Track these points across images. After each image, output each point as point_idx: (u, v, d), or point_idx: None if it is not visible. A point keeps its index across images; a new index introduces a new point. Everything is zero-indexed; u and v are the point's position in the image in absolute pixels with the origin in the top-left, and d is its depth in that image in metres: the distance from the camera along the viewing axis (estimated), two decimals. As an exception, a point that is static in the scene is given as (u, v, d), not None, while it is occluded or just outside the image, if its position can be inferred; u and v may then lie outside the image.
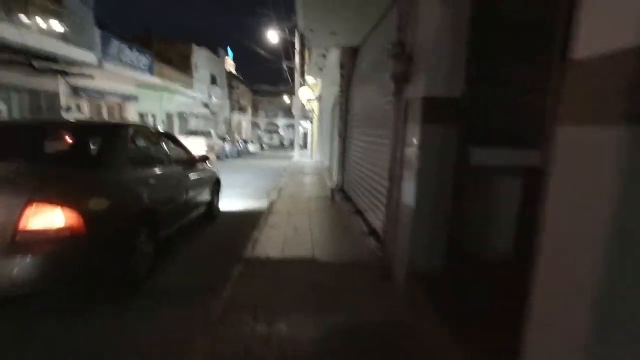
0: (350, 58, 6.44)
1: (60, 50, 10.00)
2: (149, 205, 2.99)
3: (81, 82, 11.81)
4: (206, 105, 26.09)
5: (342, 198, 6.13)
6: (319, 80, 18.11)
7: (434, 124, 2.35)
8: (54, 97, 11.09)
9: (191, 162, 4.32)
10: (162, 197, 3.33)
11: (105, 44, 12.28)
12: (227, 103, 32.46)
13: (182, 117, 21.90)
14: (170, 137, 4.27)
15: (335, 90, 11.14)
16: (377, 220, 4.03)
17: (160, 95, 18.48)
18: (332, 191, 6.89)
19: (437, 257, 2.56)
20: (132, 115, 15.49)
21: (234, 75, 35.36)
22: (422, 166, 2.40)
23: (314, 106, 19.66)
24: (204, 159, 4.62)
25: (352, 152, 6.04)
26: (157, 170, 3.43)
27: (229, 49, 34.08)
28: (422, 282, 2.51)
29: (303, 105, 20.37)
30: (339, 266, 3.33)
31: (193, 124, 23.07)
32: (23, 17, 9.07)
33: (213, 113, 27.59)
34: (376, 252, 3.47)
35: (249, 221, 5.04)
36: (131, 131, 3.23)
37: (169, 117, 20.24)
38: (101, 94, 12.86)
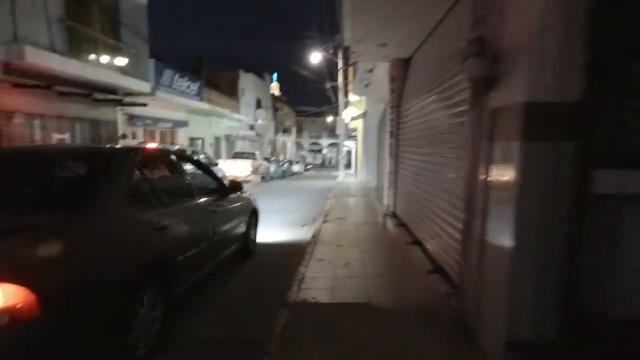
0: (401, 70, 5.91)
1: (118, 81, 10.62)
2: (158, 257, 2.31)
3: (136, 110, 12.45)
4: (252, 128, 26.81)
5: (395, 224, 5.48)
6: (364, 98, 17.71)
7: (539, 138, 1.73)
8: (112, 125, 11.76)
9: (221, 191, 3.73)
10: (180, 243, 2.62)
11: (159, 73, 12.94)
12: (272, 124, 33.21)
13: (229, 139, 22.56)
14: (194, 162, 3.71)
15: (380, 107, 10.63)
16: (443, 254, 3.36)
17: (208, 120, 19.18)
18: (384, 216, 6.26)
19: (546, 318, 1.87)
20: (182, 139, 16.11)
21: (278, 97, 36.29)
22: (524, 196, 1.77)
23: (358, 124, 19.25)
24: (237, 187, 3.98)
25: (405, 172, 5.42)
26: (174, 208, 2.73)
27: (274, 75, 35.11)
28: (527, 354, 1.83)
29: (346, 124, 20.03)
30: (402, 316, 2.70)
31: (239, 146, 23.66)
32: (87, 54, 9.75)
33: (258, 135, 28.26)
34: (447, 299, 2.80)
35: (292, 254, 4.55)
36: (135, 158, 2.46)
37: (217, 140, 20.90)
38: (154, 121, 13.48)
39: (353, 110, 19.14)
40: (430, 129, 4.05)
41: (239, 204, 4.08)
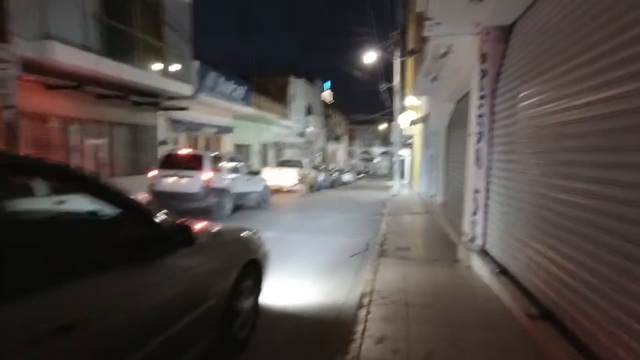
0: (498, 44, 4.09)
1: (158, 83, 9.95)
2: None
3: (178, 115, 11.81)
4: (301, 135, 25.82)
5: (490, 269, 3.64)
6: (424, 100, 15.69)
7: None
8: (152, 130, 11.19)
9: (147, 247, 1.69)
10: None
11: (202, 75, 12.23)
12: (323, 132, 32.07)
13: (277, 146, 21.69)
14: (68, 178, 1.62)
15: (450, 107, 8.70)
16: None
17: (256, 126, 18.42)
18: (467, 251, 4.42)
19: None
20: (228, 146, 15.38)
21: (329, 104, 35.15)
22: None
23: (415, 130, 17.19)
24: (183, 234, 1.86)
25: (508, 192, 3.58)
26: None
27: (328, 83, 33.96)
28: None
29: (402, 130, 18.08)
30: None
31: (288, 154, 22.72)
32: (125, 54, 9.18)
33: (308, 142, 27.22)
34: None
35: (333, 323, 2.93)
36: None
37: (264, 147, 20.10)
38: (197, 126, 12.80)
39: (410, 115, 17.19)
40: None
41: (204, 263, 2.09)
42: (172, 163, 8.49)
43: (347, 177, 25.78)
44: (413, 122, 13.88)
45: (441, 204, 9.12)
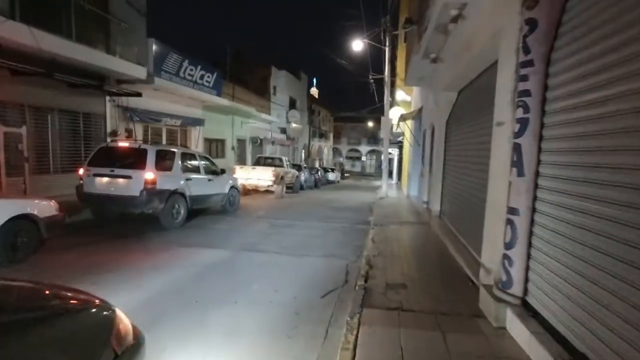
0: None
1: (100, 61, 8.10)
2: None
3: (133, 103, 10.00)
4: (283, 131, 24.13)
5: (545, 348, 2.15)
6: (415, 94, 14.27)
7: None
8: (98, 118, 9.34)
9: None
10: None
11: (161, 57, 10.43)
12: (307, 128, 30.41)
13: (256, 142, 19.91)
14: None
15: (451, 97, 7.24)
16: None
17: (230, 119, 16.64)
18: (493, 297, 2.90)
19: None
20: (196, 140, 13.58)
21: (315, 99, 33.47)
22: None
23: (406, 128, 15.78)
24: None
25: (586, 220, 2.08)
26: None
27: (314, 80, 32.33)
28: None
29: (392, 126, 16.63)
30: None
31: (268, 151, 20.99)
32: (51, 21, 7.34)
33: (291, 138, 25.52)
34: None
35: None
36: None
37: (241, 142, 18.33)
38: (157, 116, 10.97)
39: (400, 111, 15.76)
40: None
41: None
42: (107, 158, 6.74)
43: (332, 176, 24.29)
44: (403, 118, 12.39)
45: (436, 215, 7.65)
